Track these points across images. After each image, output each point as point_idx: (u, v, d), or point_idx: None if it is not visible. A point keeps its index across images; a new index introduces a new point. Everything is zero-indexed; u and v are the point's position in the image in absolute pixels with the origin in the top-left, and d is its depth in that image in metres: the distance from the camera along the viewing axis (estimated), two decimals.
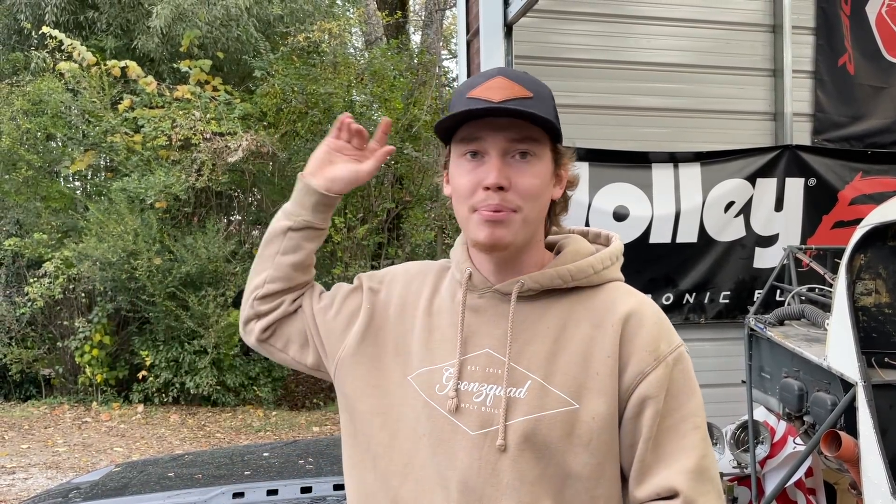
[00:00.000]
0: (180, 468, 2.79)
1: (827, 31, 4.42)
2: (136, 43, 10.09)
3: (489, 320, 1.24)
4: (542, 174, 1.22)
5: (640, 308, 1.24)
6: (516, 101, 1.18)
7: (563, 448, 1.16)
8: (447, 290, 1.31)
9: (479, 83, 1.22)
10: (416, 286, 1.34)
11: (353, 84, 10.15)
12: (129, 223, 8.81)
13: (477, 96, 1.20)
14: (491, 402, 1.19)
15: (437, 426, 1.21)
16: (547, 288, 1.23)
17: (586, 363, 1.19)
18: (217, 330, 9.04)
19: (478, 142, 1.20)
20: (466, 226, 1.23)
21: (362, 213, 10.07)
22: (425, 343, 1.27)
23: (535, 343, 1.20)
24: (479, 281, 1.26)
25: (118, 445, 7.78)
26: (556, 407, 1.17)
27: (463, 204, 1.22)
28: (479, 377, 1.21)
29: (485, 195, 1.18)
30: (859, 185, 4.32)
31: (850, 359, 2.53)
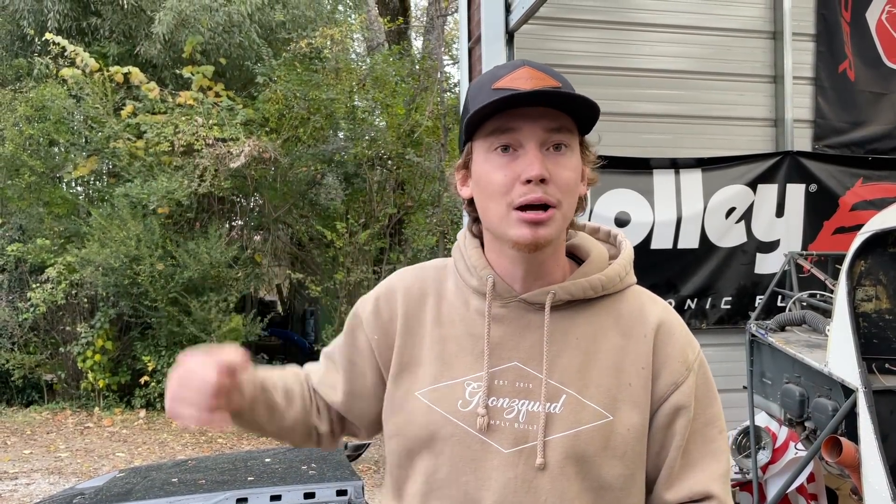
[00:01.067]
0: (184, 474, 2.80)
1: (827, 37, 4.44)
2: (139, 49, 10.13)
3: (515, 331, 1.16)
4: (577, 167, 1.15)
5: (668, 316, 1.22)
6: (548, 89, 1.10)
7: (599, 461, 1.13)
8: (456, 295, 1.22)
9: (504, 74, 1.13)
10: (416, 293, 1.25)
11: (354, 90, 10.18)
12: (132, 228, 8.83)
13: (504, 87, 1.11)
14: (524, 418, 1.13)
15: (462, 444, 1.13)
16: (577, 298, 1.17)
17: (618, 374, 1.16)
18: (219, 335, 9.04)
19: (511, 133, 1.11)
20: (502, 225, 1.12)
21: (364, 219, 10.08)
22: (439, 355, 1.18)
23: (565, 355, 1.15)
24: (502, 289, 1.17)
25: (120, 451, 7.78)
26: (592, 421, 1.13)
27: (498, 202, 1.12)
28: (509, 392, 1.14)
29: (525, 189, 1.09)
30: (860, 191, 4.33)
31: (850, 364, 2.53)
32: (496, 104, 1.09)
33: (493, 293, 1.17)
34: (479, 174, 1.15)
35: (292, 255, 11.97)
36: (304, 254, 11.29)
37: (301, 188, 10.35)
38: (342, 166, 10.08)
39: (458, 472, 1.13)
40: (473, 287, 1.19)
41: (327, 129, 10.38)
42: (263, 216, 10.91)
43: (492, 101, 1.08)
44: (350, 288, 9.81)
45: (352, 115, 10.19)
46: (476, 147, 1.16)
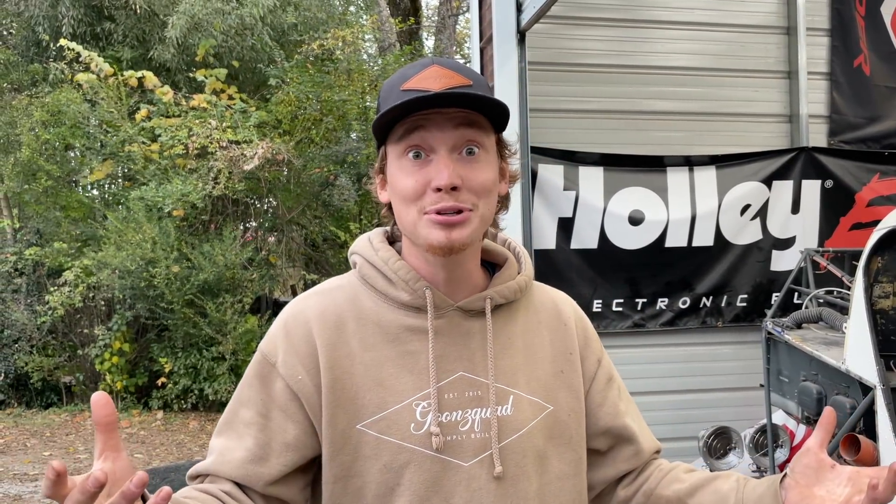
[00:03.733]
0: None
1: (842, 32, 4.40)
2: (152, 53, 10.20)
3: (454, 341, 1.13)
4: (493, 168, 1.11)
5: (573, 301, 1.31)
6: (458, 88, 1.05)
7: (552, 452, 1.16)
8: (376, 314, 1.14)
9: (413, 74, 1.08)
10: (332, 320, 1.13)
11: (367, 90, 10.20)
12: (147, 231, 8.89)
13: (413, 87, 1.06)
14: (480, 426, 1.11)
15: (421, 468, 1.08)
16: (509, 301, 1.18)
17: (552, 364, 1.19)
18: (235, 336, 9.10)
19: (421, 138, 1.06)
20: (415, 230, 1.09)
21: (377, 219, 10.10)
22: (377, 381, 1.10)
23: (506, 356, 1.15)
24: (439, 300, 1.13)
25: (138, 452, 7.85)
26: (537, 415, 1.15)
27: (409, 207, 1.08)
28: (459, 403, 1.11)
29: (436, 197, 1.06)
30: (876, 187, 4.30)
31: (868, 362, 2.52)
32: (403, 107, 1.04)
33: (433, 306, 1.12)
34: (392, 179, 1.11)
35: (306, 256, 12.01)
36: (318, 254, 11.33)
37: (314, 189, 10.38)
38: (355, 167, 10.10)
39: (421, 498, 1.08)
40: (403, 302, 1.13)
41: (340, 131, 10.40)
42: (277, 218, 10.96)
43: (398, 105, 1.04)
44: None
45: (364, 115, 10.21)
46: (389, 151, 1.12)
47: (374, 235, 1.23)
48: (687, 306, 4.19)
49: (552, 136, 4.00)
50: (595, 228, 4.04)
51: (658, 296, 4.15)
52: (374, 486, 1.08)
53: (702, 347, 4.21)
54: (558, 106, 4.05)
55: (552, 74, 4.08)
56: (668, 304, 4.17)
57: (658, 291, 4.15)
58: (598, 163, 4.04)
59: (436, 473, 1.08)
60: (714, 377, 4.15)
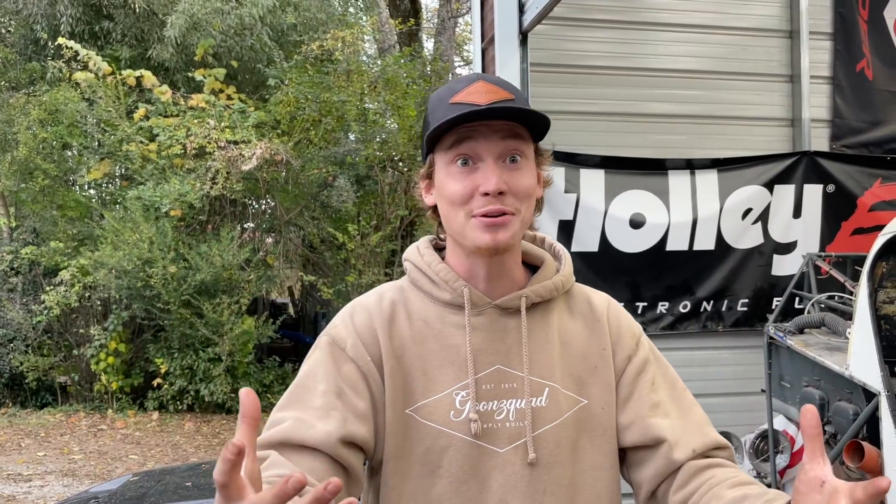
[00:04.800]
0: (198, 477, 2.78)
1: (844, 36, 4.38)
2: (151, 52, 10.18)
3: (492, 336, 1.23)
4: (533, 174, 1.23)
5: (611, 301, 1.36)
6: (502, 102, 1.17)
7: (586, 444, 1.23)
8: (425, 313, 1.25)
9: (460, 89, 1.20)
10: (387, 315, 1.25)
11: (366, 92, 10.18)
12: (145, 231, 8.87)
13: (461, 101, 1.17)
14: (514, 416, 1.20)
15: (460, 453, 1.18)
16: (545, 299, 1.27)
17: (585, 360, 1.27)
18: (231, 338, 9.07)
19: (470, 147, 1.17)
20: (463, 232, 1.20)
21: (376, 221, 10.08)
22: (423, 372, 1.22)
23: (541, 351, 1.24)
24: (476, 298, 1.24)
25: (133, 453, 7.81)
26: (572, 407, 1.23)
27: (458, 210, 1.19)
28: (496, 394, 1.21)
29: (484, 201, 1.16)
30: (878, 192, 4.27)
31: (872, 368, 2.50)
32: (454, 120, 1.15)
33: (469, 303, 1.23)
34: (441, 185, 1.22)
35: (304, 258, 11.98)
36: (315, 256, 11.30)
37: (312, 190, 10.36)
38: (354, 168, 10.08)
39: (459, 480, 1.18)
40: (445, 301, 1.25)
41: (339, 132, 10.38)
42: (275, 218, 10.93)
43: (452, 118, 1.14)
44: (362, 290, 9.79)
45: (363, 117, 10.20)
46: (437, 159, 1.22)
47: (421, 243, 1.34)
48: (688, 310, 4.16)
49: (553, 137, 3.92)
50: (596, 231, 4.01)
51: (659, 299, 4.12)
52: (417, 467, 1.19)
53: (702, 352, 4.18)
54: (560, 108, 4.02)
55: (554, 76, 4.05)
56: (669, 307, 4.14)
57: (659, 295, 4.12)
58: (599, 165, 4.01)
59: (473, 458, 1.19)
60: (714, 382, 4.12)
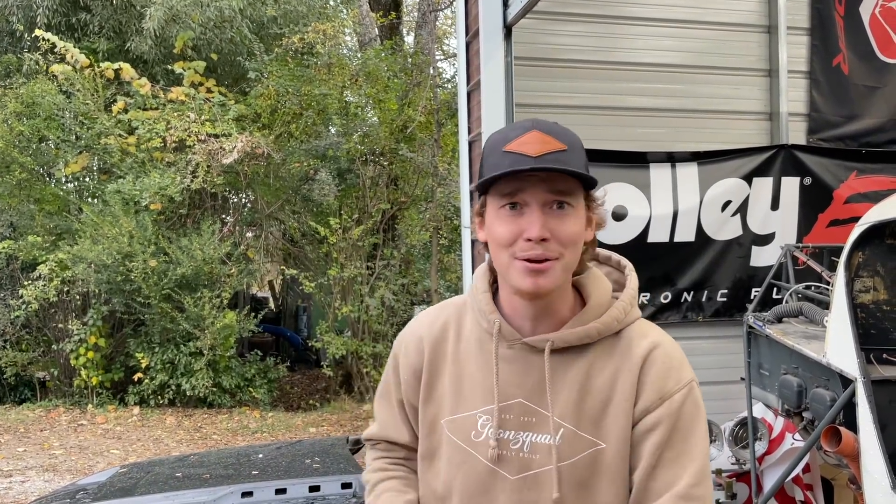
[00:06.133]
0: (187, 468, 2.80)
1: (821, 31, 4.46)
2: (129, 45, 10.07)
3: (520, 370, 1.30)
4: (579, 222, 1.26)
5: (654, 350, 1.30)
6: (553, 154, 1.22)
7: (594, 485, 1.27)
8: (472, 335, 1.36)
9: (515, 137, 1.25)
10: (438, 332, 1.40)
11: (347, 85, 10.15)
12: (124, 225, 8.80)
13: (514, 150, 1.23)
14: (529, 448, 1.27)
15: (474, 471, 1.29)
16: (574, 345, 1.29)
17: (607, 406, 1.28)
18: (213, 332, 9.03)
19: (518, 195, 1.24)
20: (507, 273, 1.27)
21: (357, 215, 10.08)
22: (456, 389, 1.34)
23: (563, 392, 1.28)
24: (507, 332, 1.31)
25: (114, 448, 7.76)
26: (587, 449, 1.27)
27: (503, 252, 1.26)
28: (515, 425, 1.29)
29: (527, 245, 1.23)
30: (854, 184, 4.36)
31: (849, 355, 2.56)
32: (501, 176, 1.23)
33: (499, 336, 1.31)
34: (490, 226, 1.29)
35: (285, 252, 11.94)
36: (297, 250, 11.26)
37: (294, 184, 10.32)
38: (335, 162, 10.06)
39: (470, 496, 1.29)
40: (484, 328, 1.34)
41: (320, 125, 10.35)
42: (256, 212, 10.88)
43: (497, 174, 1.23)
44: (343, 284, 9.80)
45: (344, 110, 10.17)
46: (489, 200, 1.30)
47: (479, 270, 1.43)
48: (668, 301, 4.23)
49: None
50: None
51: (640, 290, 4.17)
52: (443, 473, 1.33)
53: (683, 342, 4.19)
54: (543, 101, 4.06)
55: (537, 70, 4.09)
56: (650, 298, 4.21)
57: (640, 286, 4.17)
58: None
59: (485, 479, 1.28)
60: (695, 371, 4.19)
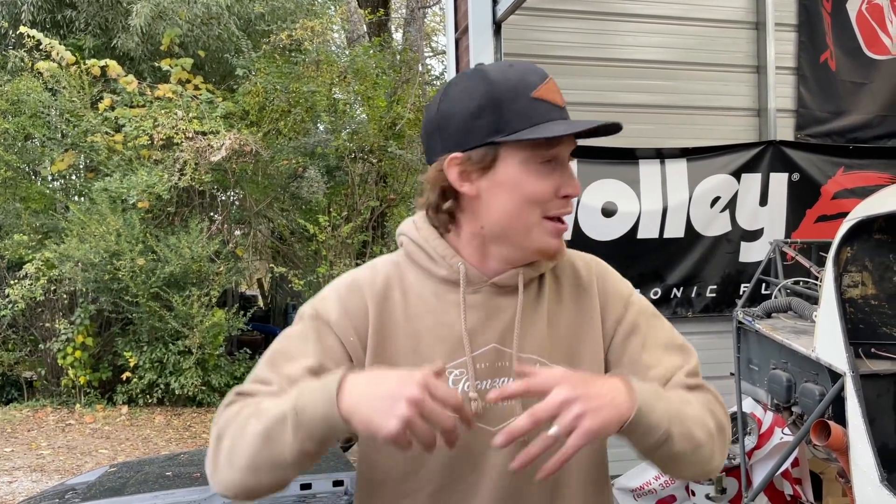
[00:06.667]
0: (177, 467, 2.78)
1: (809, 28, 4.48)
2: (116, 42, 10.00)
3: (488, 314, 1.20)
4: None
5: (597, 264, 1.32)
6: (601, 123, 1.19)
7: None
8: (424, 288, 1.22)
9: (538, 83, 1.17)
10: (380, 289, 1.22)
11: (335, 82, 10.12)
12: (112, 223, 8.73)
13: (546, 98, 1.17)
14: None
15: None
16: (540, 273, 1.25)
17: (576, 329, 1.25)
18: (201, 330, 8.98)
19: (557, 148, 1.17)
20: (528, 232, 1.17)
21: (346, 212, 10.05)
22: (414, 349, 1.19)
23: (535, 328, 1.22)
24: (473, 276, 1.20)
25: (103, 447, 7.72)
26: None
27: (531, 209, 1.16)
28: (489, 373, 1.19)
29: (563, 203, 1.18)
30: (841, 180, 4.39)
31: (838, 350, 2.57)
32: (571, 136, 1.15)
33: (466, 281, 1.20)
34: (516, 180, 1.16)
35: (274, 249, 11.90)
36: (285, 248, 11.23)
37: (282, 181, 10.28)
38: (324, 159, 10.03)
39: (452, 458, 1.16)
40: (441, 277, 1.21)
41: (308, 122, 10.31)
42: (244, 210, 10.84)
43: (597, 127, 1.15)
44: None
45: (333, 107, 10.14)
46: (509, 151, 1.15)
47: (418, 218, 1.28)
48: (658, 297, 4.25)
49: None
50: (569, 220, 4.07)
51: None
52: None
53: None
54: None
55: None
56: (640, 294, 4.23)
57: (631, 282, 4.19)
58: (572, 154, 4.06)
59: (467, 437, 1.13)
60: None
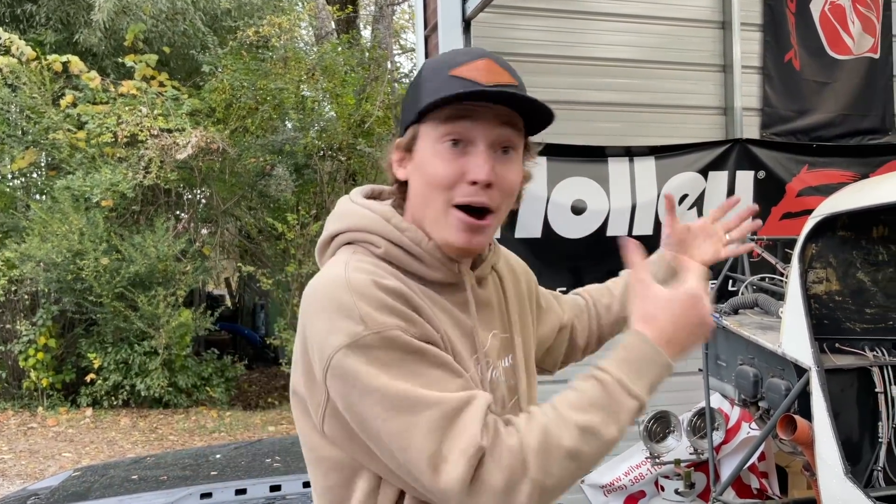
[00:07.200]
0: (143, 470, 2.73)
1: (774, 27, 4.54)
2: (78, 37, 9.81)
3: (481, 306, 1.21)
4: (520, 170, 1.15)
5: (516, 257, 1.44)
6: (507, 87, 1.07)
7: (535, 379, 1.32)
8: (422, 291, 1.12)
9: (464, 62, 1.09)
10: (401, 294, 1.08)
11: (303, 79, 10.04)
12: (74, 222, 8.57)
13: (464, 76, 1.07)
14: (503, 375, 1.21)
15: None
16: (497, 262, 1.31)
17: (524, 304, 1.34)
18: (168, 330, 8.86)
19: (465, 128, 1.07)
20: (437, 221, 1.09)
21: (315, 210, 9.98)
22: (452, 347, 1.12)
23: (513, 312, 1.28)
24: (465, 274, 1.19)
25: (67, 451, 7.57)
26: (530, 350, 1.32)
27: (438, 195, 1.08)
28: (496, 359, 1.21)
29: (470, 190, 1.07)
30: (805, 178, 4.46)
31: (803, 345, 2.61)
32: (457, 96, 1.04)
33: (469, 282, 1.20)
34: (424, 162, 1.10)
35: (241, 248, 11.78)
36: (253, 246, 11.12)
37: (250, 179, 10.18)
38: (292, 157, 9.94)
39: None
40: (436, 280, 1.13)
41: (276, 120, 10.22)
42: (211, 208, 10.71)
43: (452, 94, 1.03)
44: (302, 280, 9.69)
45: (301, 105, 10.06)
46: (424, 131, 1.10)
47: (386, 212, 1.15)
48: None
49: None
50: (539, 218, 4.08)
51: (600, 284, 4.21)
52: None
53: None
54: None
55: None
56: None
57: (600, 279, 4.17)
58: (541, 153, 4.04)
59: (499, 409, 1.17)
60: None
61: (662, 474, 3.69)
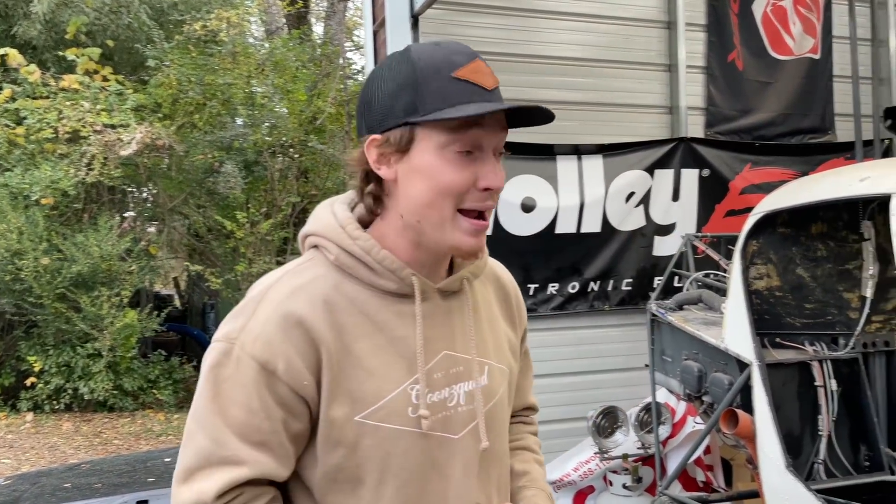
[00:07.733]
0: (77, 478, 2.64)
1: (717, 28, 4.62)
2: (16, 30, 9.49)
3: (438, 322, 1.15)
4: None
5: (509, 274, 1.37)
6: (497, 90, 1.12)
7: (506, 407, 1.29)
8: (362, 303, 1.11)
9: (463, 63, 1.08)
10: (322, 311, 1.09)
11: (253, 75, 9.88)
12: (13, 221, 8.30)
13: (469, 79, 1.08)
14: (464, 399, 1.16)
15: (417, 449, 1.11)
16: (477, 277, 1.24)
17: (504, 332, 1.29)
18: (112, 332, 8.64)
19: (476, 136, 1.08)
20: (443, 227, 1.09)
21: (266, 208, 9.84)
22: (371, 372, 1.09)
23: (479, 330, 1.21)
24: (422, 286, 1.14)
25: (5, 457, 7.32)
26: (504, 380, 1.25)
27: (447, 201, 1.07)
28: (445, 381, 1.15)
29: (482, 196, 1.09)
30: (748, 176, 4.55)
31: (745, 340, 2.65)
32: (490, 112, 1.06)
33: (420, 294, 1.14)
34: (431, 168, 1.07)
35: (190, 247, 11.55)
36: (202, 245, 10.91)
37: (198, 177, 9.98)
38: (242, 154, 9.78)
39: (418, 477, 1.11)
40: (389, 290, 1.12)
41: (225, 116, 10.04)
42: (158, 206, 10.47)
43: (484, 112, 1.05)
44: (252, 279, 9.55)
45: (250, 100, 9.90)
46: (425, 135, 1.07)
47: (344, 219, 1.15)
48: (576, 291, 4.30)
49: None
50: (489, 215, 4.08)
51: (549, 281, 4.23)
52: (374, 472, 1.09)
53: (590, 330, 4.33)
54: None
55: None
56: (559, 289, 4.26)
57: (549, 277, 4.23)
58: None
59: (431, 451, 1.12)
60: (602, 359, 4.28)
61: (611, 469, 3.72)
